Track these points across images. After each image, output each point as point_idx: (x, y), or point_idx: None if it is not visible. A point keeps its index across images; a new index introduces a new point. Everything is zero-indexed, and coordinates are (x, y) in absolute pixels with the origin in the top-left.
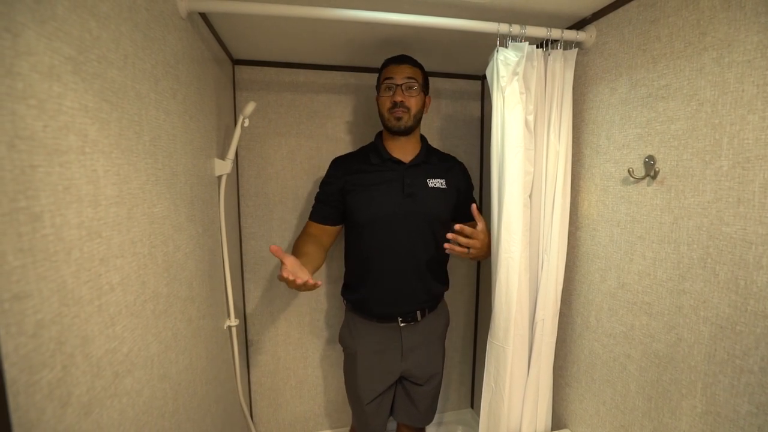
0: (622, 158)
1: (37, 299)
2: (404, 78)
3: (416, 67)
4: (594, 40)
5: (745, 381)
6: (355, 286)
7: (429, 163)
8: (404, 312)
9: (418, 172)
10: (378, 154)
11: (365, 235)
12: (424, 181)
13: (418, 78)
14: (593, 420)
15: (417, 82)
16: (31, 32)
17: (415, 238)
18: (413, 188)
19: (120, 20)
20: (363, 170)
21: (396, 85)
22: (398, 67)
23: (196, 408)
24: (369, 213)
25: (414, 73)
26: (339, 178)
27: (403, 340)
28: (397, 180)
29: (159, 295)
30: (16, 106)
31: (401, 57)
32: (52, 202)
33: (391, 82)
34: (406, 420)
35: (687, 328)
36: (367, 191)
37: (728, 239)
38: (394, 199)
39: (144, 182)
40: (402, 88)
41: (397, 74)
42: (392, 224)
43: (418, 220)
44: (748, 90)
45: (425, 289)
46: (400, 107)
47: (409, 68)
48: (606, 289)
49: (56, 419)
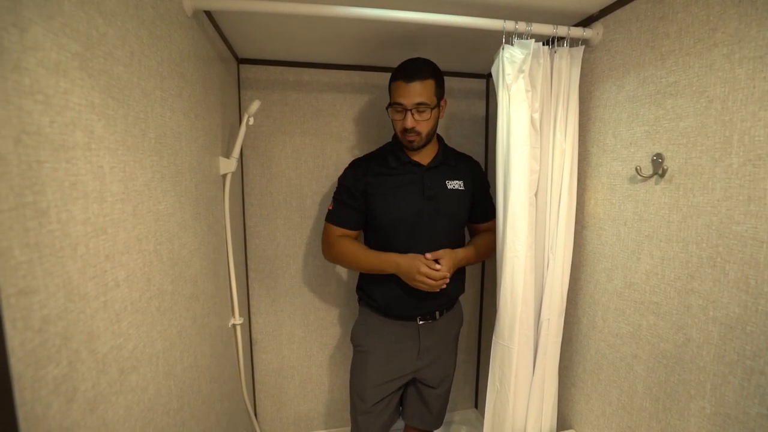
0: (629, 156)
1: (43, 294)
2: (413, 104)
3: (428, 78)
4: (601, 38)
5: (756, 382)
6: (374, 286)
7: (447, 164)
8: (423, 312)
9: (437, 174)
10: (396, 157)
11: (386, 237)
12: (443, 182)
13: (429, 96)
14: (599, 421)
15: (428, 105)
16: (38, 28)
17: (435, 240)
18: (433, 190)
19: (126, 17)
20: (383, 173)
21: (406, 110)
22: (407, 89)
23: (200, 406)
24: (391, 216)
25: (425, 92)
26: (360, 180)
27: (421, 339)
28: (417, 183)
29: (164, 293)
30: (23, 101)
31: (411, 73)
32: (58, 198)
33: (400, 107)
34: (418, 423)
35: (696, 328)
36: (388, 195)
37: (738, 238)
38: (415, 202)
39: (149, 179)
40: (412, 113)
41: (406, 98)
42: (414, 226)
43: (439, 222)
44: (759, 86)
45: (445, 290)
46: (411, 132)
47: (419, 88)
48: (613, 289)
49: (62, 414)
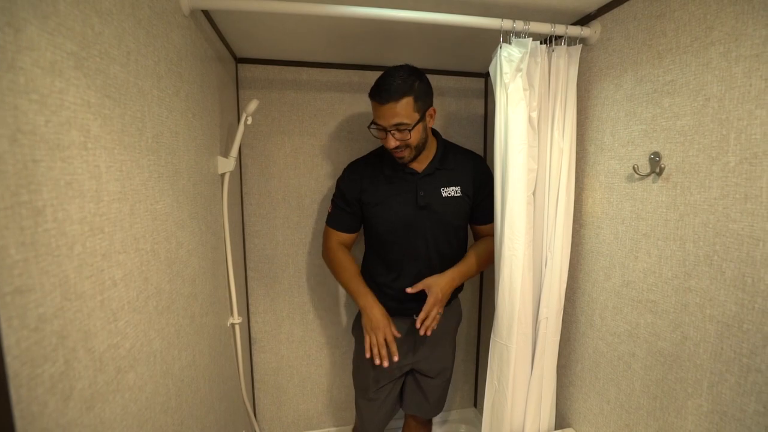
0: (626, 155)
1: (39, 293)
2: (391, 125)
3: (404, 97)
4: (598, 36)
5: (752, 380)
6: (372, 285)
7: (444, 168)
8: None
9: (431, 181)
10: (391, 164)
11: (383, 243)
12: (437, 190)
13: (408, 115)
14: (597, 419)
15: (407, 124)
16: (33, 27)
17: (431, 246)
18: (427, 199)
19: (122, 17)
20: (378, 180)
21: (386, 130)
22: (382, 110)
23: (199, 405)
24: (386, 225)
25: (402, 111)
26: (355, 185)
27: (416, 334)
28: (411, 192)
29: (162, 292)
30: (18, 100)
31: (384, 95)
32: (54, 197)
33: (380, 125)
34: (416, 411)
35: (693, 326)
36: (383, 204)
37: (735, 236)
38: (409, 211)
39: (147, 179)
40: (392, 133)
41: (383, 119)
42: (408, 235)
43: (433, 230)
44: (756, 84)
45: None
46: (397, 150)
47: (393, 109)
48: (610, 287)
49: (58, 413)
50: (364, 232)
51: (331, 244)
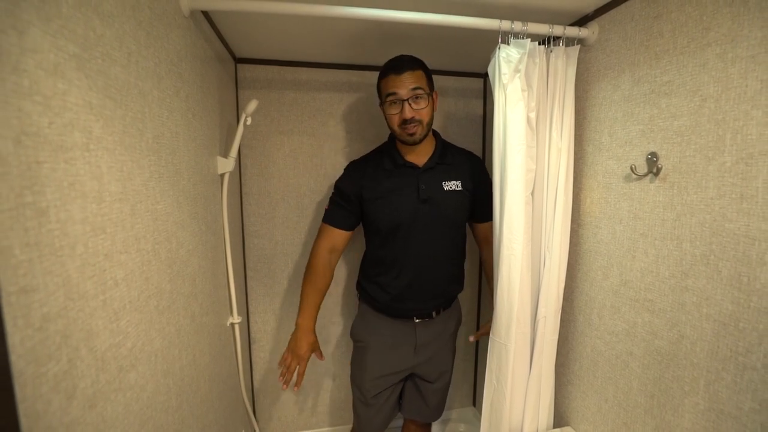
0: (624, 155)
1: (43, 293)
2: (409, 90)
3: (417, 69)
4: (596, 37)
5: (748, 378)
6: (372, 285)
7: (444, 163)
8: (420, 310)
9: (432, 175)
10: (392, 159)
11: (384, 239)
12: (439, 184)
13: (422, 83)
14: (595, 417)
15: (423, 90)
16: (36, 30)
17: (433, 242)
18: (429, 193)
19: (123, 18)
20: (379, 176)
21: (402, 101)
22: (399, 79)
23: (199, 404)
24: (388, 221)
25: (417, 79)
26: (355, 184)
27: (417, 336)
28: (412, 185)
29: (162, 291)
30: (22, 102)
31: (399, 64)
32: (57, 198)
33: (395, 97)
34: (416, 416)
35: (689, 325)
36: (384, 199)
37: (731, 236)
38: (411, 205)
39: (147, 179)
40: (409, 102)
41: (400, 87)
42: (410, 230)
43: (435, 225)
44: (751, 85)
45: (442, 289)
46: (411, 123)
47: (410, 76)
48: (608, 287)
49: (62, 411)
50: (365, 232)
51: (321, 249)
